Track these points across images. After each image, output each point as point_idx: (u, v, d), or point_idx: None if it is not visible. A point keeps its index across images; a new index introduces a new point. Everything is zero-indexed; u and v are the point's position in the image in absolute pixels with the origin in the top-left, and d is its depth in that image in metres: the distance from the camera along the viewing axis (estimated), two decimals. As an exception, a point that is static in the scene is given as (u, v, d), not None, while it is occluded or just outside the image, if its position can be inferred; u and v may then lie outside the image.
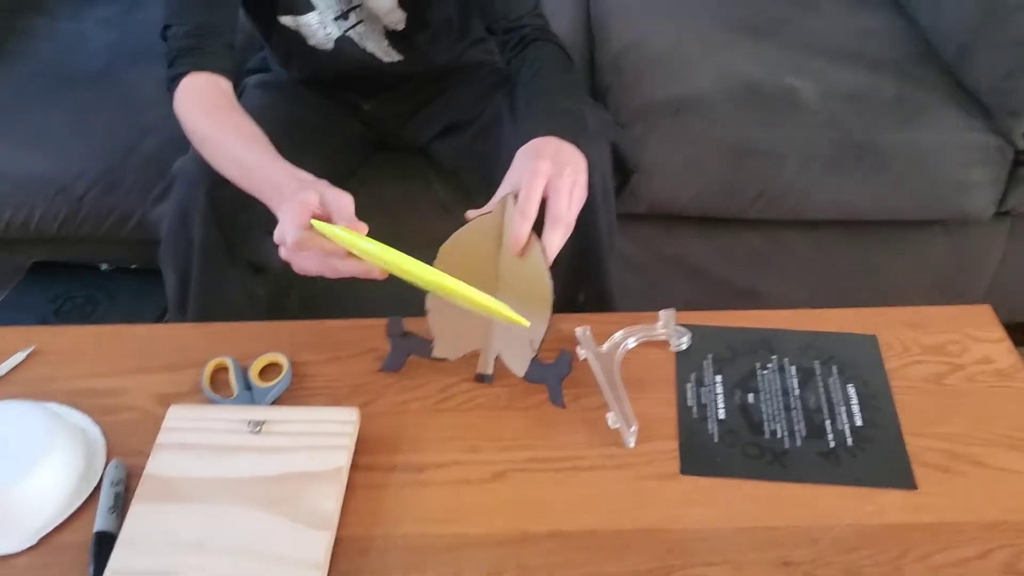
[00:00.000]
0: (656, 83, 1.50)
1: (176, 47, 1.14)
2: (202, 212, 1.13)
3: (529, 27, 1.21)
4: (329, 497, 0.84)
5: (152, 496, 0.85)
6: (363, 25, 1.29)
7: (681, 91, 1.48)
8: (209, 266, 1.18)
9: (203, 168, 1.11)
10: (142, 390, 1.00)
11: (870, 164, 1.43)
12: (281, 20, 1.26)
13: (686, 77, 1.51)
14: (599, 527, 0.84)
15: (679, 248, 1.59)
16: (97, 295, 1.53)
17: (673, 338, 1.03)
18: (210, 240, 1.15)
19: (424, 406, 0.97)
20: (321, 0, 1.24)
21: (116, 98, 1.58)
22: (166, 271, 1.22)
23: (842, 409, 0.95)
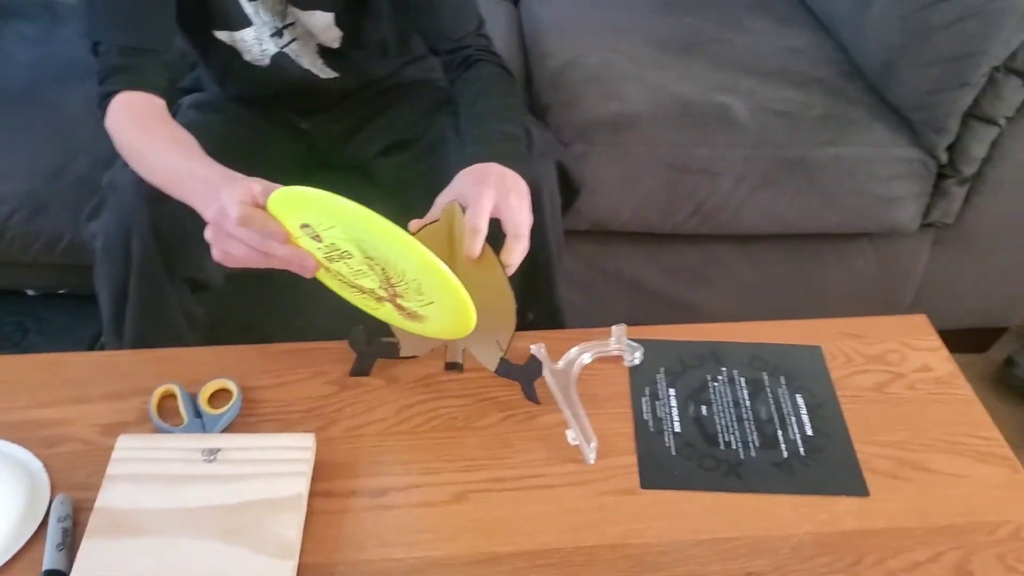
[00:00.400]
0: (594, 102, 1.52)
1: (108, 65, 1.11)
2: (142, 227, 1.10)
3: (472, 47, 1.22)
4: (290, 525, 0.83)
5: (104, 530, 0.83)
6: (298, 43, 1.27)
7: (618, 109, 1.49)
8: (148, 285, 1.14)
9: (141, 183, 1.08)
10: (85, 421, 0.97)
11: (801, 179, 1.47)
12: (217, 35, 1.24)
13: (622, 96, 1.53)
14: (562, 545, 0.84)
15: (618, 264, 1.61)
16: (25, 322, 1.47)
17: (626, 353, 1.04)
18: (149, 257, 1.12)
19: (380, 429, 0.96)
20: (257, 16, 1.23)
21: (41, 117, 1.53)
22: (101, 291, 1.18)
23: (792, 419, 0.97)
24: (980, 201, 1.56)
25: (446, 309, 0.88)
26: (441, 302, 0.87)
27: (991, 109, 1.44)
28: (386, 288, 0.89)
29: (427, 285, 0.85)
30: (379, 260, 0.85)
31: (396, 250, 0.82)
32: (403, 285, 0.87)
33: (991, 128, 1.46)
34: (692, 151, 1.46)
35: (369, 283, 0.90)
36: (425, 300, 0.88)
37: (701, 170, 1.45)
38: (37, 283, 1.56)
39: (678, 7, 1.88)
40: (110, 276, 1.15)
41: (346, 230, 0.83)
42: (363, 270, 0.88)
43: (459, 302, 0.85)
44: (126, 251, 1.12)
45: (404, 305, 0.91)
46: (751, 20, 1.83)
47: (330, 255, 0.87)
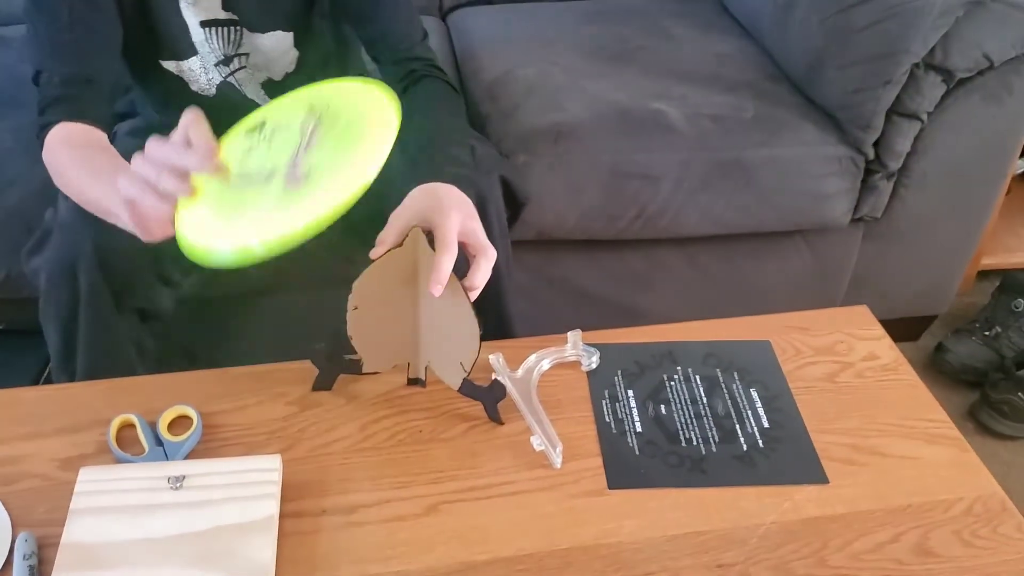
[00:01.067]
0: (533, 112, 1.54)
1: (50, 95, 1.09)
2: (89, 260, 1.08)
3: (419, 61, 1.22)
4: (263, 548, 0.82)
5: (73, 566, 0.81)
6: (244, 71, 1.27)
7: (557, 119, 1.52)
8: (96, 318, 1.12)
9: (85, 215, 1.06)
10: (41, 455, 0.95)
11: (737, 180, 1.51)
12: (163, 64, 1.23)
13: (560, 105, 1.55)
14: (537, 549, 0.85)
15: (563, 272, 1.63)
16: (-37, 360, 1.43)
17: (584, 358, 1.06)
18: (97, 290, 1.10)
19: (345, 446, 0.96)
20: (206, 44, 1.22)
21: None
22: (47, 327, 1.16)
23: (748, 413, 1.00)
24: (906, 194, 1.62)
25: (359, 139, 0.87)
26: (358, 135, 0.87)
27: (913, 105, 1.50)
28: (300, 148, 0.88)
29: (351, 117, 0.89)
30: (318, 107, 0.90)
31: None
32: (328, 123, 0.89)
33: (914, 123, 1.52)
34: (632, 157, 1.48)
35: (271, 156, 0.89)
36: (337, 144, 0.87)
37: (641, 175, 1.48)
38: (-27, 320, 1.53)
39: (604, 17, 1.92)
40: (57, 310, 1.13)
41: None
42: (285, 137, 0.89)
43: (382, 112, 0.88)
44: (73, 285, 1.10)
45: (307, 159, 0.88)
46: (676, 28, 1.87)
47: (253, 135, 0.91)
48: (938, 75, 1.47)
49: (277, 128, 0.90)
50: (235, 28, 1.23)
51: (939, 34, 1.43)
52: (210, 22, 1.22)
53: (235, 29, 1.23)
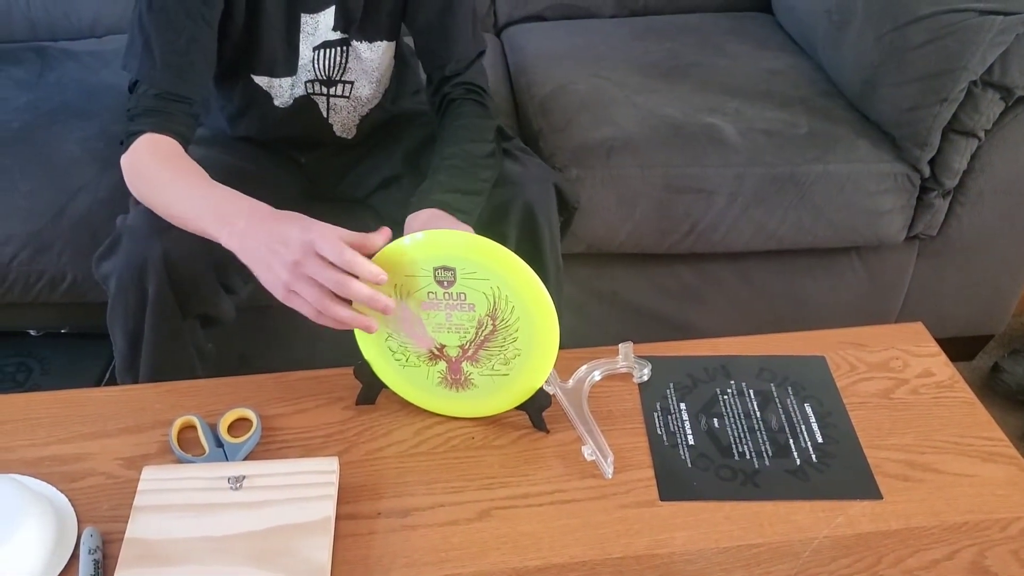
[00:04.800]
0: (585, 126, 1.55)
1: (142, 106, 1.12)
2: (156, 267, 1.11)
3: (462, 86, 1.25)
4: (320, 548, 0.84)
5: (137, 561, 0.83)
6: (343, 100, 1.30)
7: (610, 133, 1.52)
8: (163, 323, 1.15)
9: (155, 223, 1.09)
10: (106, 454, 0.97)
11: (791, 196, 1.50)
12: (254, 79, 1.26)
13: (613, 120, 1.56)
14: (589, 557, 0.86)
15: (613, 285, 1.63)
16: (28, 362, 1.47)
17: (635, 370, 1.06)
18: (164, 295, 1.13)
19: (399, 451, 0.97)
20: (307, 66, 1.25)
21: (38, 160, 1.53)
22: (114, 331, 1.19)
23: (802, 427, 0.99)
24: (962, 212, 1.60)
25: (522, 369, 0.96)
26: (527, 357, 0.95)
27: (970, 122, 1.48)
28: (470, 345, 0.96)
29: (529, 336, 0.94)
30: (503, 311, 0.93)
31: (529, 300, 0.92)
32: (504, 332, 0.94)
33: (971, 141, 1.51)
34: (685, 171, 1.49)
35: (450, 339, 0.95)
36: (510, 353, 0.95)
37: (695, 190, 1.48)
38: (39, 323, 1.56)
39: (656, 33, 1.92)
40: (124, 315, 1.16)
41: (495, 278, 0.91)
42: (461, 324, 0.94)
43: (546, 360, 0.96)
44: (141, 290, 1.13)
45: (480, 359, 0.96)
46: (729, 44, 1.87)
47: (430, 302, 0.93)
48: (996, 92, 1.45)
49: (461, 298, 0.93)
50: (344, 48, 1.26)
51: (998, 51, 1.41)
52: (321, 45, 1.25)
53: (343, 49, 1.26)
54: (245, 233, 0.95)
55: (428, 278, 0.92)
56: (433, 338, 0.96)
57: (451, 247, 0.91)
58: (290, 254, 0.90)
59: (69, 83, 1.74)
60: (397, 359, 0.98)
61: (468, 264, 0.90)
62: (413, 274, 0.92)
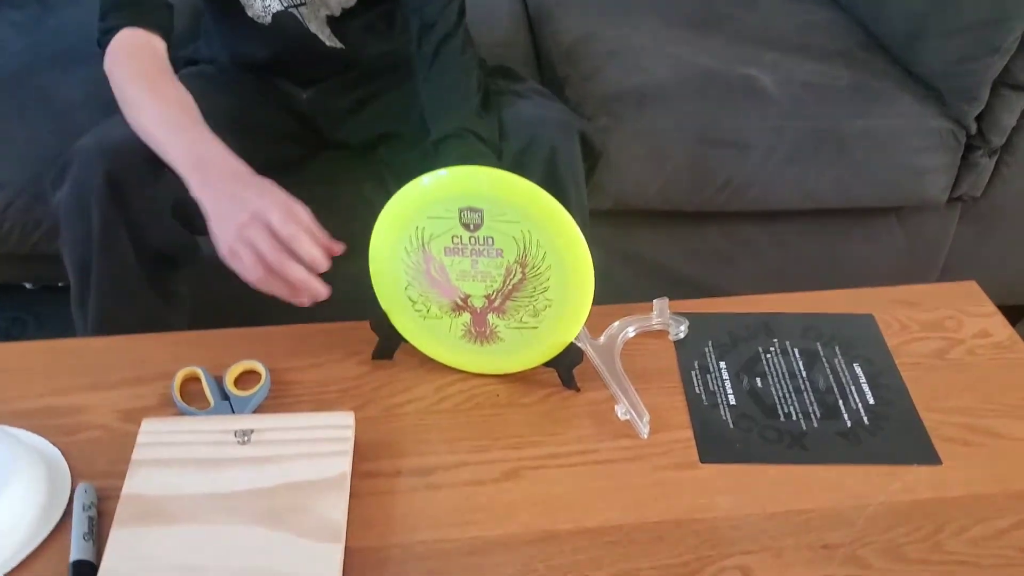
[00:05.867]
0: (615, 75, 1.49)
1: (112, 1, 1.08)
2: (100, 193, 1.05)
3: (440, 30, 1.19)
4: (335, 506, 0.78)
5: (134, 518, 0.78)
6: (306, 7, 1.23)
7: (641, 82, 1.46)
8: (110, 256, 1.09)
9: (102, 146, 1.05)
10: (103, 407, 0.92)
11: (830, 152, 1.44)
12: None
13: (644, 69, 1.50)
14: (625, 521, 0.80)
15: (639, 246, 1.57)
16: (23, 317, 1.42)
17: (672, 327, 1.00)
18: (110, 226, 1.07)
19: (420, 408, 0.92)
20: None
21: (38, 104, 1.48)
22: (66, 261, 1.13)
23: (852, 388, 0.94)
24: (1009, 174, 1.54)
25: (553, 322, 0.90)
26: (559, 309, 0.89)
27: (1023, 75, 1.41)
28: (497, 295, 0.89)
29: (561, 286, 0.88)
30: (534, 257, 0.86)
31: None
32: (534, 281, 0.88)
33: (1022, 96, 1.44)
34: (721, 123, 1.43)
35: (475, 288, 0.89)
36: (539, 305, 0.89)
37: (730, 143, 1.42)
38: (35, 276, 1.51)
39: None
40: (71, 250, 1.10)
41: (526, 220, 0.84)
42: (488, 272, 0.88)
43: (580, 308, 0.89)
44: (87, 219, 1.07)
45: (507, 311, 0.90)
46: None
47: (454, 246, 0.87)
48: (1053, 43, 1.39)
49: (488, 243, 0.87)
50: None
51: (1057, -2, 1.35)
52: None
53: None
54: (211, 184, 0.94)
55: (452, 220, 0.86)
56: (457, 287, 0.90)
57: (478, 184, 0.85)
58: (240, 215, 0.89)
59: (70, 28, 1.68)
60: (417, 310, 0.93)
61: (497, 204, 0.84)
62: (436, 215, 0.86)
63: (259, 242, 0.88)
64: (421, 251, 0.88)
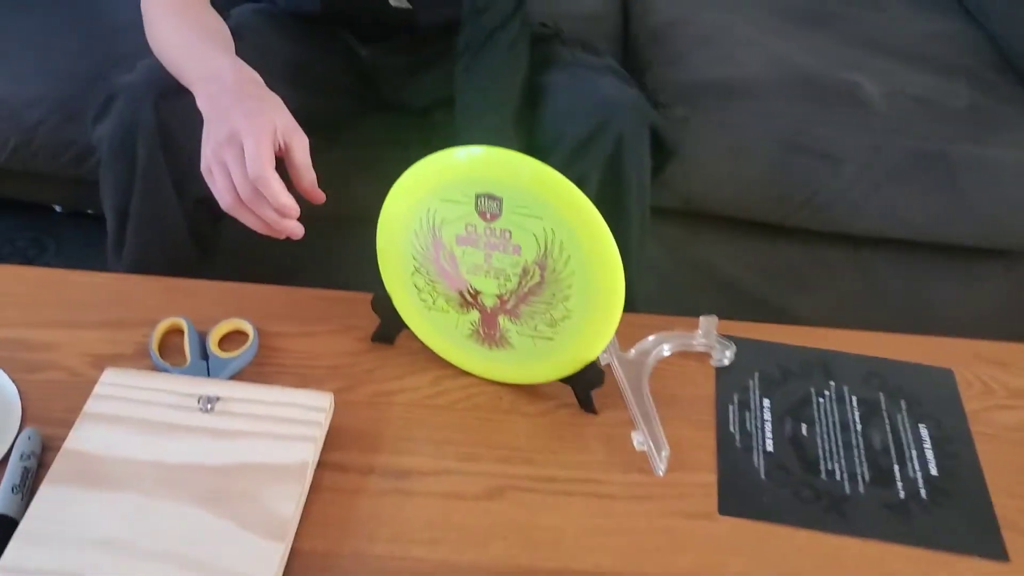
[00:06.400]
0: (702, 63, 1.37)
1: None
2: (147, 131, 0.99)
3: None
4: (288, 498, 0.70)
5: (69, 476, 0.71)
6: None
7: (731, 74, 1.34)
8: (152, 198, 1.03)
9: (152, 80, 0.98)
10: (75, 347, 0.86)
11: (935, 178, 1.30)
12: None
13: (736, 60, 1.38)
14: (618, 570, 0.70)
15: (706, 254, 1.45)
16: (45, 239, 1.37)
17: (715, 351, 0.89)
18: (154, 166, 1.01)
19: (412, 399, 0.83)
20: None
21: (85, 21, 1.42)
22: (104, 203, 1.07)
23: (913, 453, 0.81)
24: None
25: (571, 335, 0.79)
26: (580, 322, 0.78)
27: None
28: (511, 295, 0.80)
29: (584, 296, 0.77)
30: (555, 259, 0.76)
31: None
32: (554, 287, 0.77)
33: None
34: (813, 130, 1.30)
35: (487, 285, 0.80)
36: (558, 313, 0.78)
37: (821, 153, 1.29)
38: (64, 199, 1.46)
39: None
40: (114, 186, 1.04)
41: (550, 217, 0.74)
42: (502, 269, 0.78)
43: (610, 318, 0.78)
44: (131, 158, 1.00)
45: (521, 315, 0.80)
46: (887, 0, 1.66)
47: (468, 235, 0.78)
48: None
49: (505, 236, 0.77)
50: None
51: None
52: None
53: None
54: (212, 96, 0.87)
55: (468, 206, 0.76)
56: (467, 280, 0.80)
57: (500, 169, 0.74)
58: (220, 131, 0.82)
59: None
60: (423, 299, 0.83)
61: (520, 195, 0.74)
62: (450, 198, 0.76)
63: (232, 167, 0.81)
64: (431, 235, 0.79)
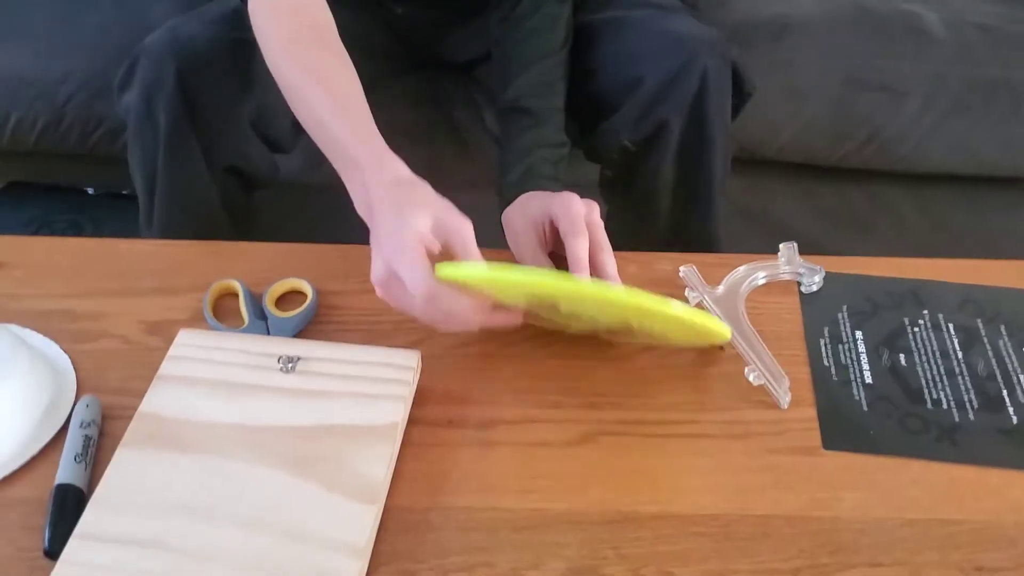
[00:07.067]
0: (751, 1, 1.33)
1: None
2: (168, 96, 0.95)
3: None
4: (379, 461, 0.67)
5: (145, 440, 0.68)
6: None
7: (783, 10, 1.31)
8: (178, 165, 1.00)
9: (174, 41, 0.94)
10: (127, 315, 0.83)
11: (1002, 107, 1.27)
12: None
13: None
14: (722, 511, 0.66)
15: (764, 201, 1.42)
16: (80, 220, 1.35)
17: (804, 276, 0.86)
18: (179, 133, 0.97)
19: (487, 350, 0.80)
20: None
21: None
22: (133, 174, 1.05)
23: (1020, 378, 0.78)
24: None
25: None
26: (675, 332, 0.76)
27: None
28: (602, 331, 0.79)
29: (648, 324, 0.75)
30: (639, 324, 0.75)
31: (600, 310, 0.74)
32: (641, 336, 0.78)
33: None
34: (872, 64, 1.26)
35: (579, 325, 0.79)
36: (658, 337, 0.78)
37: (882, 88, 1.26)
38: (97, 181, 1.44)
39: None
40: (141, 155, 1.01)
41: (539, 299, 0.73)
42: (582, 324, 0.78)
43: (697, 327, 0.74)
44: (155, 124, 0.97)
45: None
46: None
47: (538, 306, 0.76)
48: None
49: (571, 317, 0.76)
50: None
51: None
52: None
53: None
54: (360, 200, 0.77)
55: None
56: (552, 319, 0.78)
57: (543, 289, 0.71)
58: (379, 269, 0.73)
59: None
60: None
61: (574, 304, 0.74)
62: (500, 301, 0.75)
63: (405, 307, 0.73)
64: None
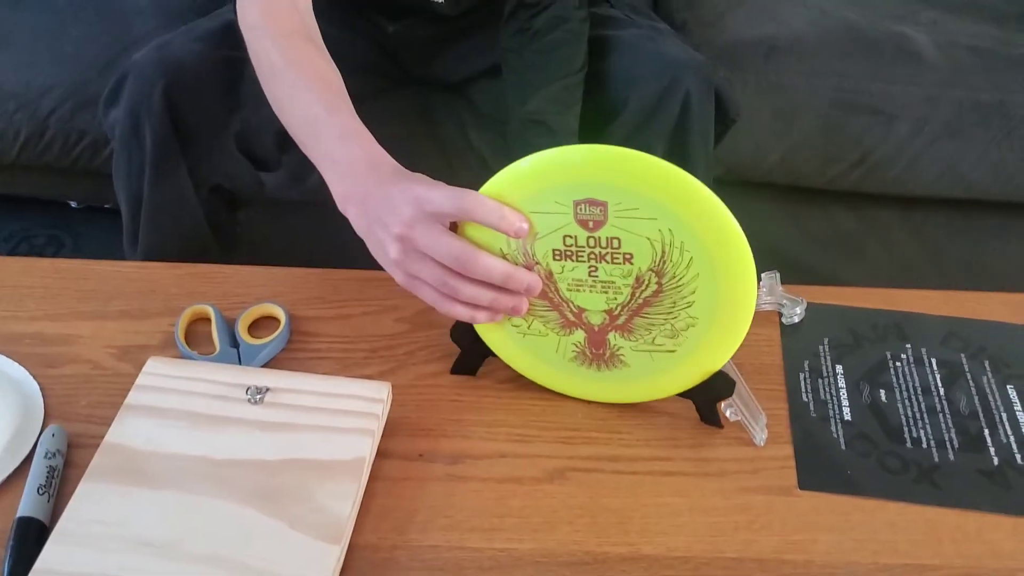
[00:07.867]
0: (742, 22, 1.33)
1: None
2: (154, 114, 0.95)
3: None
4: (344, 498, 0.66)
5: (110, 472, 0.68)
6: None
7: (772, 32, 1.31)
8: (164, 185, 0.99)
9: (161, 59, 0.94)
10: (97, 339, 0.82)
11: (994, 131, 1.27)
12: None
13: (777, 17, 1.34)
14: (694, 553, 0.66)
15: (752, 223, 1.37)
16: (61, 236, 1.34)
17: (785, 307, 0.86)
18: (165, 152, 0.97)
19: (459, 380, 0.80)
20: None
21: (97, 4, 1.40)
22: (118, 191, 1.04)
23: (1003, 416, 0.77)
24: None
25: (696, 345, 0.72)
26: (706, 329, 0.71)
27: None
28: (623, 309, 0.72)
29: (711, 300, 0.70)
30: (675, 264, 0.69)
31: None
32: (675, 294, 0.70)
33: None
34: (863, 86, 1.26)
35: (593, 301, 0.73)
36: (680, 323, 0.71)
37: (872, 110, 1.26)
38: (80, 194, 1.43)
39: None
40: (126, 173, 1.00)
41: (666, 216, 0.66)
42: (611, 282, 0.71)
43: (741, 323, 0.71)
44: (142, 143, 0.97)
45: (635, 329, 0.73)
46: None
47: (567, 249, 0.70)
48: None
49: (612, 245, 0.69)
50: None
51: None
52: None
53: None
54: (356, 197, 0.75)
55: (566, 216, 0.68)
56: (568, 299, 0.73)
57: (602, 169, 0.66)
58: (396, 222, 0.69)
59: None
60: (515, 325, 0.76)
61: (627, 196, 0.66)
62: (542, 210, 0.69)
63: (430, 248, 0.69)
64: (521, 254, 0.71)
